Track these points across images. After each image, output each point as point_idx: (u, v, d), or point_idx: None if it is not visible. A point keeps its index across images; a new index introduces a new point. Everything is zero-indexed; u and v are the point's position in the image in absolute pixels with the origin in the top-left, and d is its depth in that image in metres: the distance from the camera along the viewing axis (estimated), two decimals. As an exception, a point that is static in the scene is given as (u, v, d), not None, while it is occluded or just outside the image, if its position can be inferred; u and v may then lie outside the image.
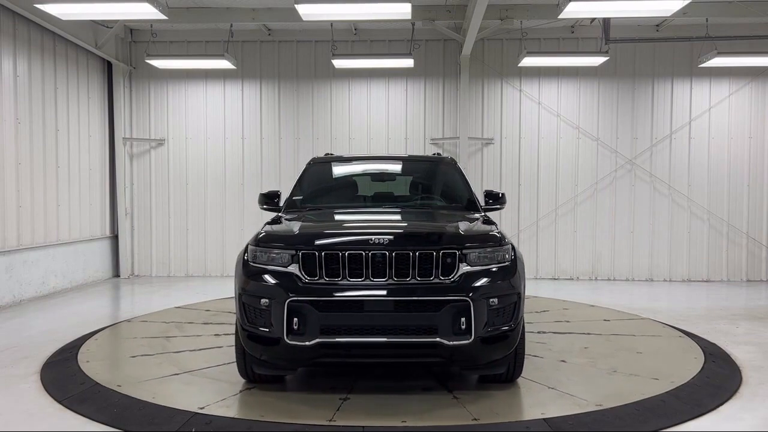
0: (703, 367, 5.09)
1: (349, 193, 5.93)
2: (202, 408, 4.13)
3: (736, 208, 10.62)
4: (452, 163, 6.18)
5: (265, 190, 5.87)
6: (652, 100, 10.65)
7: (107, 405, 4.24)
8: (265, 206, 5.56)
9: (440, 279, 4.04)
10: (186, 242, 11.01)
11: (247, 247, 4.40)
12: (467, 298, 3.95)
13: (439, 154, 8.01)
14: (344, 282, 4.02)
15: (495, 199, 5.58)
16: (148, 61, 9.90)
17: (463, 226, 4.50)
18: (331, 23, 9.97)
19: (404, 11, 7.49)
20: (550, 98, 10.71)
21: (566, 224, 10.73)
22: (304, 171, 5.95)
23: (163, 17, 7.69)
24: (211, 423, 3.89)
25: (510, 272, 4.21)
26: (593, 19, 9.77)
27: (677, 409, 4.16)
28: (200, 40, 10.78)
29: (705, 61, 9.70)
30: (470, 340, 3.93)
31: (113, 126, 10.78)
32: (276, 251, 4.18)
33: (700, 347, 5.77)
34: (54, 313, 7.65)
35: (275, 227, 4.66)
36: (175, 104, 10.99)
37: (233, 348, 4.62)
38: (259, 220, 10.61)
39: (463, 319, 3.93)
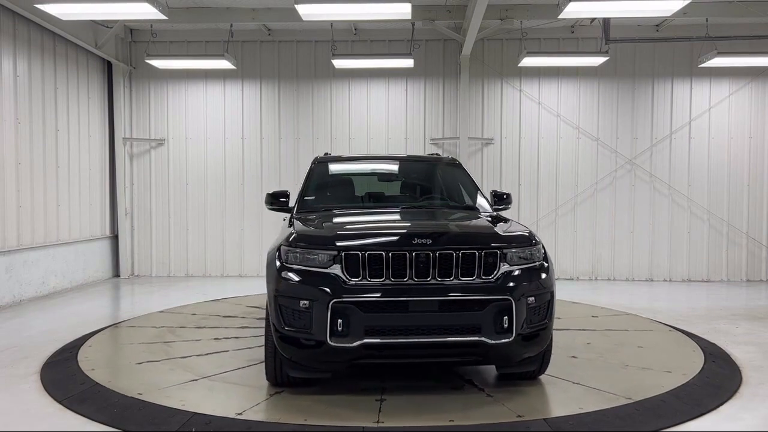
0: (703, 367, 5.08)
1: (363, 193, 5.91)
2: (240, 413, 4.05)
3: (736, 208, 10.62)
4: (458, 164, 6.24)
5: (270, 190, 5.73)
6: (652, 100, 10.66)
7: (107, 405, 4.24)
8: (273, 206, 5.44)
9: (482, 279, 4.08)
10: (186, 242, 11.01)
11: (279, 247, 4.27)
12: (509, 297, 4.01)
13: (437, 154, 8.03)
14: (388, 282, 3.99)
15: (501, 200, 5.66)
16: (148, 61, 9.90)
17: (499, 226, 4.58)
18: (331, 23, 9.97)
19: (404, 11, 7.49)
20: (550, 98, 10.71)
21: (566, 224, 10.73)
22: (312, 171, 5.82)
23: (163, 17, 7.69)
24: (210, 423, 3.89)
25: (544, 271, 4.30)
26: (593, 19, 9.77)
27: (677, 409, 4.16)
28: (200, 40, 10.78)
29: (705, 61, 9.70)
30: (511, 339, 4.00)
31: (113, 126, 10.78)
32: (315, 252, 4.08)
33: (700, 347, 5.77)
34: (54, 313, 7.65)
35: (306, 228, 4.50)
36: (175, 104, 10.99)
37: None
38: (259, 220, 10.71)
39: (505, 318, 3.99)
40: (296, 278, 4.06)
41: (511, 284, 4.07)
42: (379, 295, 3.94)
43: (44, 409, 4.23)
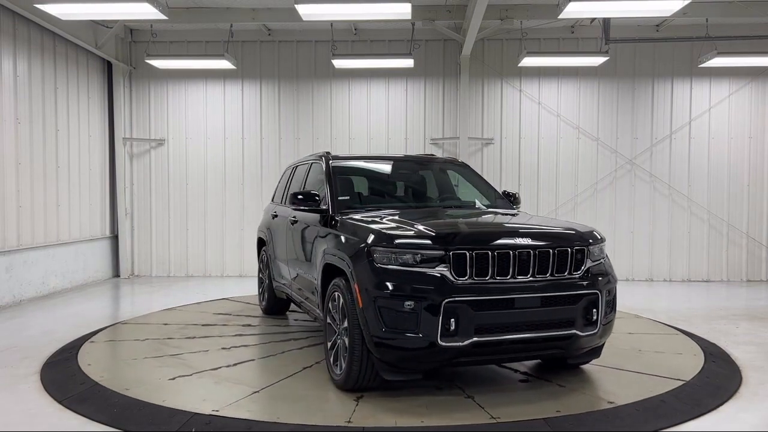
0: (703, 367, 5.08)
1: (398, 193, 5.96)
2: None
3: (736, 208, 10.62)
4: (468, 166, 6.46)
5: (295, 191, 5.51)
6: (652, 100, 10.66)
7: (107, 405, 4.23)
8: (302, 207, 5.27)
9: (572, 274, 4.26)
10: (186, 242, 11.02)
11: (368, 248, 4.16)
12: (597, 291, 4.27)
13: (432, 154, 8.09)
14: (494, 281, 4.05)
15: (510, 199, 5.89)
16: (148, 61, 9.90)
17: (574, 225, 4.76)
18: (331, 23, 9.97)
19: (404, 11, 7.49)
20: (550, 98, 10.71)
21: (566, 224, 10.71)
22: (332, 168, 5.61)
23: (163, 17, 7.69)
24: (210, 423, 3.88)
25: (610, 265, 4.63)
26: (593, 19, 9.77)
27: (677, 409, 4.16)
28: (200, 40, 10.78)
29: (705, 61, 9.70)
30: (596, 330, 4.28)
31: (113, 126, 10.78)
32: (419, 252, 4.03)
33: (700, 347, 5.77)
34: (54, 313, 7.65)
35: (390, 228, 4.37)
36: (175, 104, 10.99)
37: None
38: (259, 220, 10.67)
39: (594, 311, 4.24)
40: (399, 279, 4.00)
41: (596, 279, 4.34)
42: (488, 293, 4.00)
43: (44, 409, 4.23)
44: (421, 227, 4.32)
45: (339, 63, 9.94)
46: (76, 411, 4.16)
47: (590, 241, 4.43)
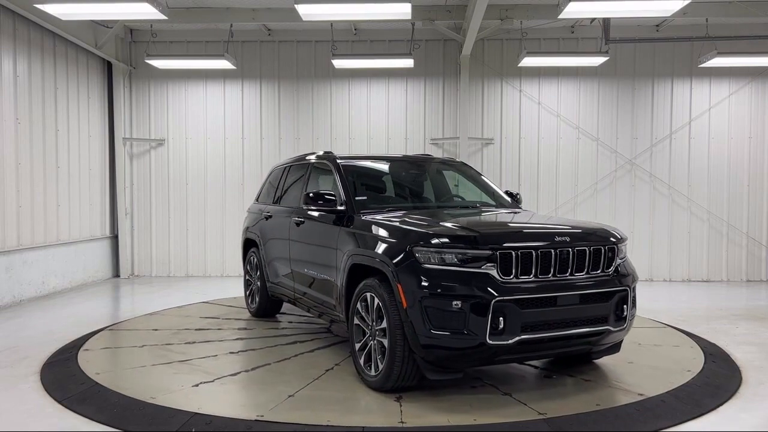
0: (702, 367, 5.08)
1: (410, 193, 6.00)
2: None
3: (735, 208, 10.62)
4: (471, 167, 6.61)
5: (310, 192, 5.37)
6: (652, 100, 10.66)
7: (107, 405, 4.23)
8: (318, 208, 5.26)
9: (605, 272, 4.41)
10: (186, 242, 11.02)
11: (413, 248, 4.15)
12: (627, 288, 4.44)
13: (429, 154, 8.11)
14: (536, 279, 4.14)
15: (513, 199, 6.03)
16: (148, 61, 9.91)
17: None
18: (331, 23, 9.98)
19: (404, 11, 7.49)
20: (550, 98, 10.71)
21: (566, 224, 10.72)
22: (343, 168, 5.59)
23: (163, 17, 7.70)
24: (211, 423, 3.88)
25: (630, 262, 4.79)
26: (593, 19, 9.76)
27: (677, 409, 4.16)
28: (200, 40, 10.78)
29: (705, 61, 9.70)
30: (625, 325, 4.48)
31: (113, 126, 10.78)
32: (466, 252, 4.07)
33: (700, 347, 5.77)
34: (54, 313, 7.65)
35: (433, 228, 4.37)
36: (175, 104, 10.99)
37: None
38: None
39: (624, 307, 4.43)
40: (446, 279, 4.02)
41: (625, 275, 4.52)
42: (533, 292, 4.07)
43: (44, 409, 4.23)
44: (462, 227, 4.39)
45: (339, 63, 9.94)
46: (76, 411, 4.16)
47: (619, 239, 4.59)
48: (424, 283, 4.02)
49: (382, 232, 4.57)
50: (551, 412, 4.01)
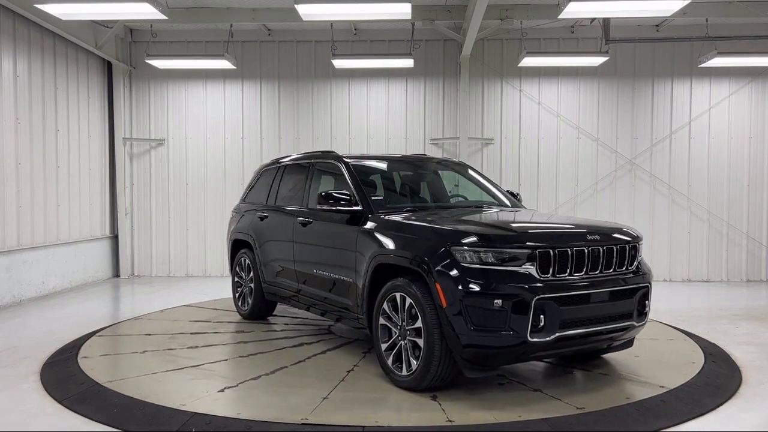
0: (703, 367, 5.09)
1: (422, 193, 6.03)
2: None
3: (735, 208, 10.62)
4: (473, 167, 6.70)
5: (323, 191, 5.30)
6: (652, 100, 10.66)
7: (107, 405, 4.23)
8: (334, 208, 5.18)
9: (628, 269, 4.56)
10: (186, 242, 11.02)
11: (451, 247, 4.18)
12: (648, 284, 4.63)
13: (424, 154, 8.13)
14: (571, 277, 4.23)
15: (515, 198, 6.15)
16: (148, 61, 9.91)
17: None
18: (331, 23, 9.97)
19: (404, 11, 7.49)
20: (550, 98, 10.71)
21: (566, 224, 10.72)
22: (353, 168, 5.56)
23: (163, 17, 7.70)
24: (210, 423, 3.88)
25: (645, 260, 4.90)
26: (593, 19, 9.76)
27: (677, 409, 4.16)
28: (200, 40, 10.78)
29: (705, 61, 9.70)
30: (645, 320, 4.65)
31: (113, 126, 10.78)
32: (506, 251, 4.12)
33: (700, 347, 5.77)
34: (54, 313, 7.65)
35: (473, 227, 4.47)
36: (175, 104, 10.99)
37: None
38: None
39: (646, 302, 4.61)
40: (487, 278, 4.04)
41: (645, 272, 4.69)
42: (569, 289, 4.16)
43: (44, 409, 4.23)
44: (498, 227, 4.53)
45: (339, 63, 9.94)
46: (76, 411, 4.16)
47: (638, 237, 4.74)
48: (465, 283, 4.04)
49: (415, 233, 4.58)
50: (588, 407, 4.12)
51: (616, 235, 4.55)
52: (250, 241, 6.85)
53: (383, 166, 6.16)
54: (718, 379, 4.85)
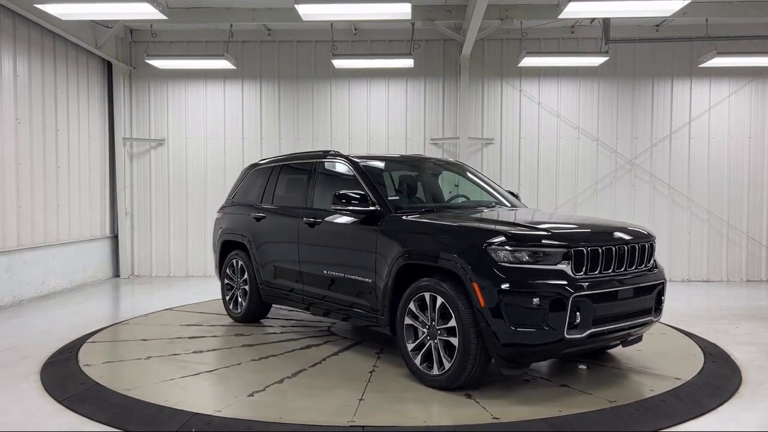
0: (702, 367, 5.09)
1: (431, 194, 6.05)
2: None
3: (735, 208, 10.62)
4: (473, 169, 6.83)
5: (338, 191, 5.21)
6: (652, 100, 10.66)
7: (107, 405, 4.23)
8: (351, 209, 5.11)
9: (646, 266, 4.72)
10: (186, 242, 11.02)
11: (486, 247, 4.20)
12: (664, 280, 4.81)
13: (420, 154, 8.14)
14: (601, 275, 4.33)
15: (516, 198, 6.30)
16: (148, 61, 9.91)
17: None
18: (331, 23, 9.98)
19: (404, 11, 7.49)
20: (550, 98, 10.71)
21: (566, 224, 10.72)
22: (364, 168, 5.50)
23: (163, 17, 7.70)
24: (210, 423, 3.88)
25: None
26: (593, 19, 9.77)
27: (677, 409, 4.16)
28: (200, 40, 10.78)
29: (705, 61, 9.70)
30: (660, 315, 4.81)
31: (113, 126, 10.78)
32: (543, 250, 4.21)
33: (700, 347, 5.77)
34: (54, 313, 7.65)
35: (509, 227, 4.53)
36: (175, 104, 10.99)
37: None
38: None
39: (662, 298, 4.77)
40: (525, 277, 4.11)
41: (661, 269, 4.88)
42: (601, 287, 4.26)
43: (44, 409, 4.23)
44: (533, 226, 4.63)
45: (339, 63, 9.94)
46: (76, 411, 4.16)
47: (654, 236, 4.91)
48: (503, 282, 4.09)
49: (448, 232, 4.58)
50: (620, 400, 4.24)
51: (637, 234, 4.71)
52: (245, 242, 6.66)
53: (394, 166, 6.17)
54: (718, 379, 4.85)
